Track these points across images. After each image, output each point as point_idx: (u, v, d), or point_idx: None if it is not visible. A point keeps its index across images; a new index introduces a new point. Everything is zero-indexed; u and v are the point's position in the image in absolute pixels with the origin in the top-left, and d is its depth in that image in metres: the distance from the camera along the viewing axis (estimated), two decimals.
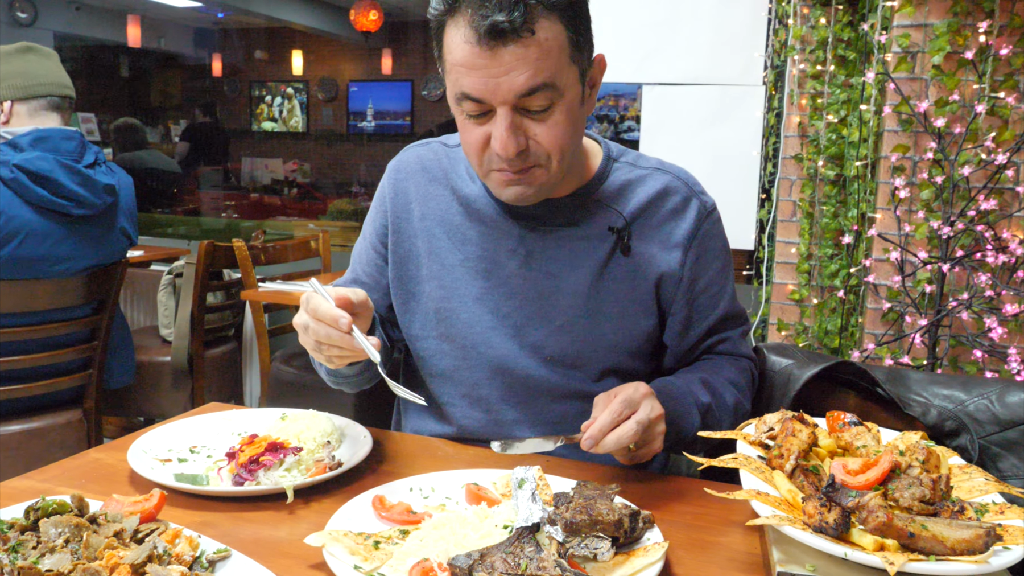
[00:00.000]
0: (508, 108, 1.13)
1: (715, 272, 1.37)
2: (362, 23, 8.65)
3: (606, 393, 1.16)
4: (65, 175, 2.33)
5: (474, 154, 1.21)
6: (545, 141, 1.16)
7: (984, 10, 2.51)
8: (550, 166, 1.20)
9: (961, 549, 0.80)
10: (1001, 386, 1.38)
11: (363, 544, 0.95)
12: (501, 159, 1.17)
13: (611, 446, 1.09)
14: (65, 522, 0.86)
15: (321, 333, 1.10)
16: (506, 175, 1.20)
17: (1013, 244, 2.40)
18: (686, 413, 1.24)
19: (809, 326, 3.07)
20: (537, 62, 1.10)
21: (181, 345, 3.25)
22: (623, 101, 9.68)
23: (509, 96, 1.11)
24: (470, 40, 1.09)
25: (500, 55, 1.09)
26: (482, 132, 1.17)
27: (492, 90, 1.11)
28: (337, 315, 1.08)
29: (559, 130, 1.16)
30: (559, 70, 1.13)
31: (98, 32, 10.78)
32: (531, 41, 1.09)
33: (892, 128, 2.63)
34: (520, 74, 1.09)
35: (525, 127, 1.15)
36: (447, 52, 1.15)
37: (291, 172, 11.80)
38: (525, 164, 1.18)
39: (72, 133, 2.46)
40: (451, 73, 1.15)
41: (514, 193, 1.22)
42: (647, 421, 1.12)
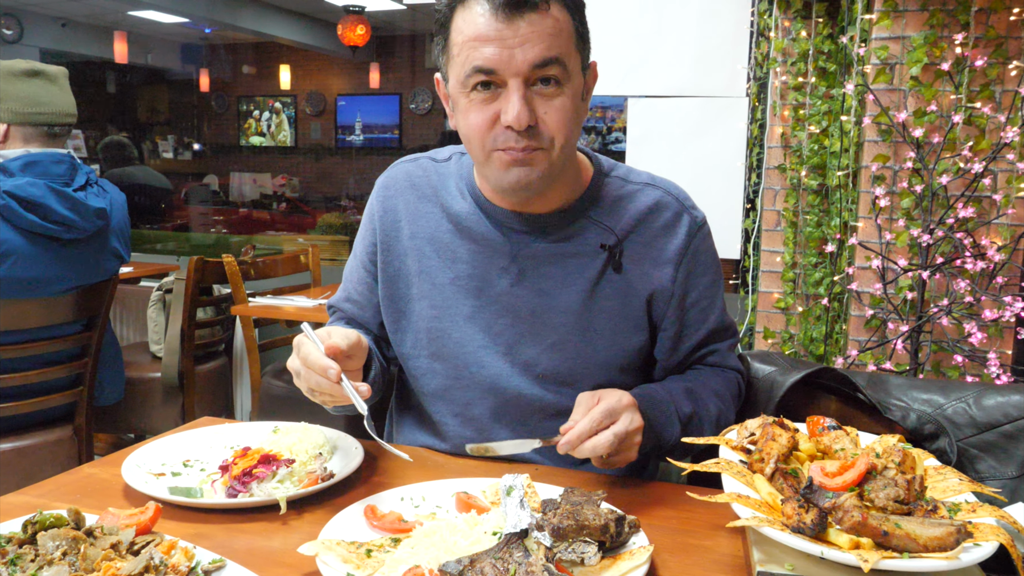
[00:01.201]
0: (521, 80, 1.15)
1: (705, 286, 1.38)
2: (350, 38, 8.70)
3: (589, 394, 1.18)
4: (56, 200, 2.33)
5: (479, 136, 1.21)
6: (551, 122, 1.19)
7: (960, 22, 2.56)
8: (552, 150, 1.21)
9: (933, 546, 0.83)
10: (978, 390, 1.42)
11: (356, 552, 0.97)
12: (509, 136, 1.18)
13: (586, 453, 1.13)
14: (62, 535, 0.88)
15: (312, 381, 1.14)
16: (511, 154, 1.20)
17: (991, 251, 2.45)
18: (667, 423, 1.26)
19: (795, 334, 3.11)
20: (551, 36, 1.15)
21: (171, 361, 3.25)
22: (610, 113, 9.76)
23: (524, 66, 1.14)
24: (485, 12, 1.14)
25: (517, 25, 1.13)
26: (490, 111, 1.18)
27: (507, 60, 1.14)
28: (326, 365, 1.10)
29: (564, 114, 1.19)
30: (568, 51, 1.18)
31: (84, 48, 10.80)
32: (546, 15, 1.14)
33: (872, 138, 2.68)
34: (535, 45, 1.14)
35: (534, 105, 1.18)
36: (457, 34, 1.18)
37: (279, 186, 11.82)
38: (531, 143, 1.19)
39: (62, 156, 2.46)
40: (462, 52, 1.17)
41: (516, 175, 1.22)
42: (624, 434, 1.14)
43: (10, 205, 2.26)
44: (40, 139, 2.46)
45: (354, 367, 1.18)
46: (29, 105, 2.42)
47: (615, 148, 9.50)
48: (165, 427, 3.17)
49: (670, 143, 3.35)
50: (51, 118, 2.46)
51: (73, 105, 2.56)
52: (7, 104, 2.41)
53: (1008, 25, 2.52)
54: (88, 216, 2.43)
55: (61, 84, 2.53)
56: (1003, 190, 2.55)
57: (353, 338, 1.18)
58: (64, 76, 2.56)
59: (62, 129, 2.52)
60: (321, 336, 1.16)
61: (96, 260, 2.57)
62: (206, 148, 12.91)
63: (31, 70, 2.45)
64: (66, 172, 2.45)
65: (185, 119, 12.93)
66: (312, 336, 1.15)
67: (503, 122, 1.17)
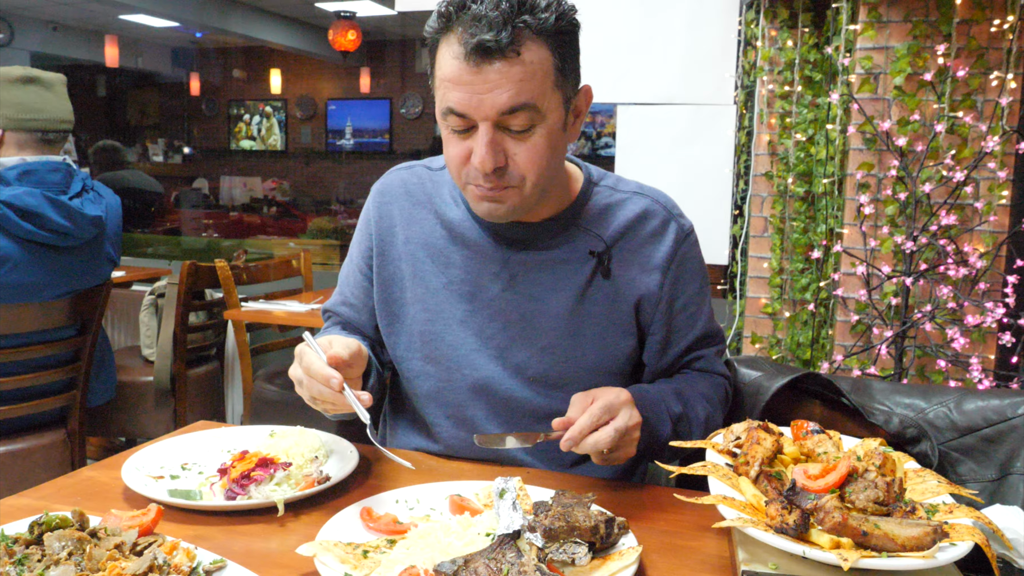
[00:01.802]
0: (489, 124, 1.17)
1: (692, 292, 1.41)
2: (340, 43, 8.71)
3: (584, 393, 1.20)
4: (52, 210, 2.35)
5: (455, 168, 1.25)
6: (522, 162, 1.21)
7: (942, 33, 2.61)
8: (524, 187, 1.23)
9: (911, 546, 0.86)
10: (959, 394, 1.45)
11: (353, 553, 0.99)
12: (478, 175, 1.21)
13: (588, 449, 1.15)
14: (68, 536, 0.90)
15: (314, 390, 1.16)
16: (481, 190, 1.24)
17: (973, 258, 2.50)
18: (659, 422, 1.29)
19: (782, 339, 3.15)
20: (520, 82, 1.15)
21: (163, 365, 3.27)
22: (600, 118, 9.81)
23: (491, 112, 1.16)
24: (458, 56, 1.15)
25: (485, 72, 1.14)
26: (464, 147, 1.22)
27: (476, 105, 1.16)
28: (328, 375, 1.13)
29: (537, 152, 1.21)
30: (542, 93, 1.18)
31: (75, 52, 10.77)
32: (516, 61, 1.14)
33: (857, 147, 2.73)
34: (503, 92, 1.15)
35: (505, 146, 1.20)
36: (438, 68, 1.20)
37: (270, 191, 11.81)
38: (500, 183, 1.22)
39: (58, 164, 2.47)
40: (440, 88, 1.21)
41: (486, 209, 1.26)
42: (624, 429, 1.16)
43: (7, 215, 2.27)
44: (35, 145, 2.47)
45: (355, 375, 1.21)
46: (24, 112, 2.43)
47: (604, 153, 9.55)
48: (157, 431, 3.19)
49: (659, 149, 3.39)
50: (46, 124, 2.47)
51: (70, 112, 2.57)
52: (2, 110, 2.42)
53: (989, 36, 2.57)
54: (84, 225, 2.45)
55: (57, 91, 2.54)
56: (985, 198, 2.60)
57: (354, 347, 1.21)
58: (61, 83, 2.57)
59: (57, 136, 2.53)
60: (322, 345, 1.19)
61: (90, 266, 2.59)
62: (196, 152, 12.89)
63: (27, 77, 2.46)
64: (62, 180, 2.47)
65: (175, 123, 12.90)
66: (314, 345, 1.18)
67: (472, 163, 1.21)
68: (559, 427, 1.16)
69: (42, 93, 2.48)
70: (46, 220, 2.34)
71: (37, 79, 2.48)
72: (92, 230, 2.50)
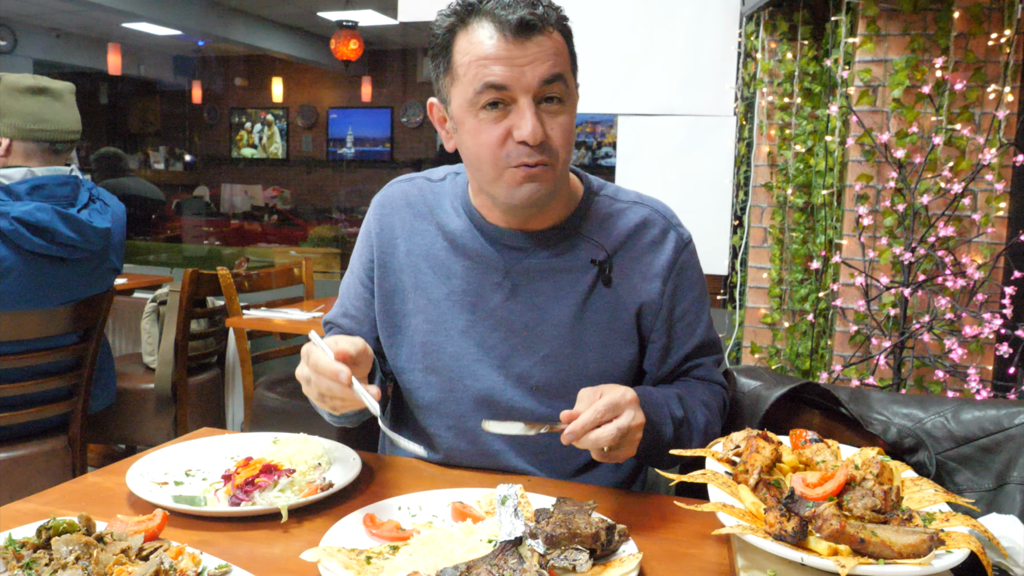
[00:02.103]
0: (531, 97, 1.23)
1: (692, 301, 1.43)
2: (343, 52, 8.74)
3: (592, 389, 1.21)
4: (63, 225, 2.37)
5: (491, 152, 1.26)
6: (557, 138, 1.26)
7: (940, 47, 2.63)
8: (557, 164, 1.28)
9: (907, 553, 0.88)
10: (956, 404, 1.47)
11: (356, 559, 1.00)
12: (522, 151, 1.24)
13: (588, 444, 1.15)
14: (75, 540, 0.92)
15: (323, 386, 1.18)
16: (524, 170, 1.25)
17: (971, 269, 2.51)
18: (662, 423, 1.30)
19: (781, 349, 3.17)
20: (555, 55, 1.24)
21: (165, 372, 3.28)
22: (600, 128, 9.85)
23: (534, 82, 1.22)
24: (494, 35, 1.22)
25: (526, 46, 1.21)
26: (501, 128, 1.24)
27: (518, 77, 1.22)
28: (337, 369, 1.14)
29: (567, 131, 1.28)
30: (568, 70, 1.28)
31: (77, 59, 10.81)
32: (551, 36, 1.24)
33: (856, 158, 2.74)
34: (543, 63, 1.22)
35: (543, 121, 1.25)
36: (462, 55, 1.24)
37: (271, 199, 11.83)
38: (542, 158, 1.25)
39: (67, 178, 2.48)
40: (470, 71, 1.23)
41: (528, 191, 1.27)
42: (627, 428, 1.16)
43: (20, 231, 2.29)
44: (41, 155, 2.48)
45: (361, 374, 1.22)
46: (32, 122, 2.44)
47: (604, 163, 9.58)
48: (158, 438, 3.19)
49: (659, 160, 3.41)
50: (54, 135, 2.48)
51: (78, 122, 2.58)
52: (10, 120, 2.43)
53: (986, 50, 2.59)
54: (93, 238, 2.48)
55: (66, 101, 2.55)
56: (982, 210, 2.62)
57: (360, 345, 1.22)
58: (70, 92, 2.57)
59: (65, 146, 2.54)
60: (328, 343, 1.20)
61: (94, 277, 2.61)
62: (197, 160, 12.92)
63: (36, 87, 2.46)
64: (71, 193, 2.48)
65: (177, 130, 12.93)
66: (320, 343, 1.20)
67: (516, 137, 1.23)
68: (566, 420, 1.16)
69: (51, 103, 2.49)
70: (57, 235, 2.36)
71: (47, 89, 2.49)
72: (100, 243, 2.52)
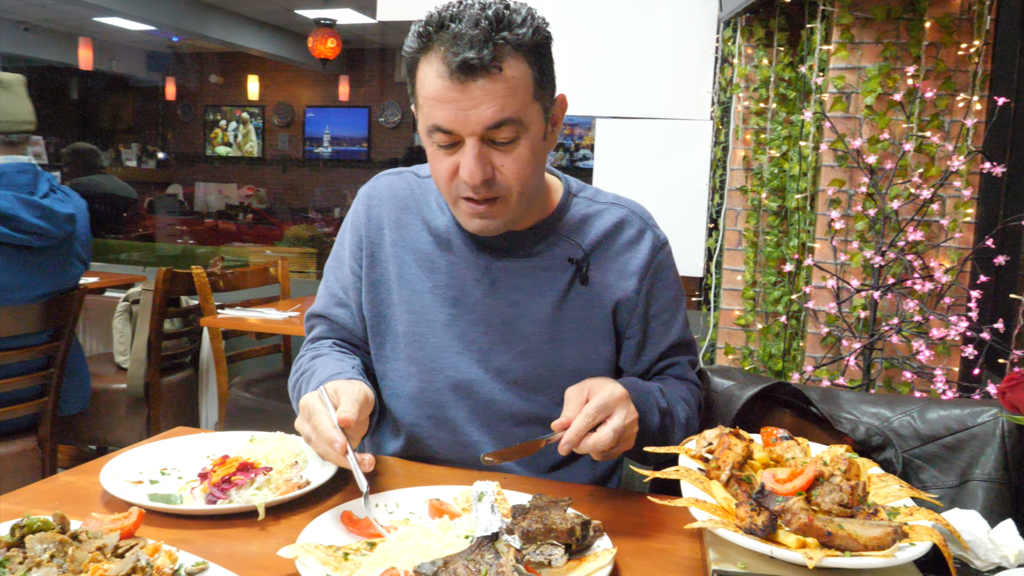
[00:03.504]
0: (476, 139, 1.21)
1: (667, 300, 1.46)
2: (320, 50, 8.71)
3: (578, 388, 1.22)
4: (25, 210, 2.35)
5: (443, 183, 1.29)
6: (509, 173, 1.25)
7: (912, 55, 2.69)
8: (510, 198, 1.27)
9: (872, 545, 0.90)
10: (923, 404, 1.50)
11: (334, 556, 1.01)
12: (468, 187, 1.25)
13: (587, 450, 1.16)
14: (50, 538, 0.91)
15: (319, 449, 1.19)
16: (472, 206, 1.27)
17: (939, 273, 2.56)
18: (649, 412, 1.32)
19: (755, 350, 3.21)
20: (504, 98, 1.19)
21: (137, 372, 3.25)
22: (578, 130, 9.89)
23: (477, 127, 1.20)
24: (442, 75, 1.18)
25: (470, 89, 1.17)
26: (451, 162, 1.25)
27: (462, 121, 1.19)
28: (333, 438, 1.14)
29: (522, 163, 1.25)
30: (524, 106, 1.22)
31: (47, 54, 10.66)
32: (499, 77, 1.18)
33: (829, 163, 2.79)
34: (488, 107, 1.18)
35: (492, 158, 1.24)
36: (420, 87, 1.23)
37: (246, 198, 11.74)
38: (490, 193, 1.25)
39: (26, 166, 2.48)
40: (423, 107, 1.24)
41: (479, 225, 1.30)
42: (622, 428, 1.17)
43: None
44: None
45: (361, 432, 1.23)
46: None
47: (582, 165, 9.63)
48: (130, 438, 3.16)
49: (637, 163, 3.44)
50: (7, 127, 2.48)
51: (30, 112, 2.57)
52: None
53: (956, 59, 2.65)
54: (58, 223, 2.45)
55: (16, 92, 2.54)
56: (950, 215, 2.67)
57: (361, 398, 1.22)
58: (20, 83, 2.57)
59: (19, 136, 2.53)
60: (330, 395, 1.21)
61: (62, 266, 2.59)
62: (171, 157, 12.79)
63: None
64: (30, 181, 2.47)
65: (150, 127, 12.80)
66: (327, 402, 1.19)
67: (460, 177, 1.24)
68: (558, 429, 1.17)
69: (1, 95, 2.48)
70: (20, 222, 2.34)
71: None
72: (66, 227, 2.50)
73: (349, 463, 1.14)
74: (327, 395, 1.21)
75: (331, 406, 1.19)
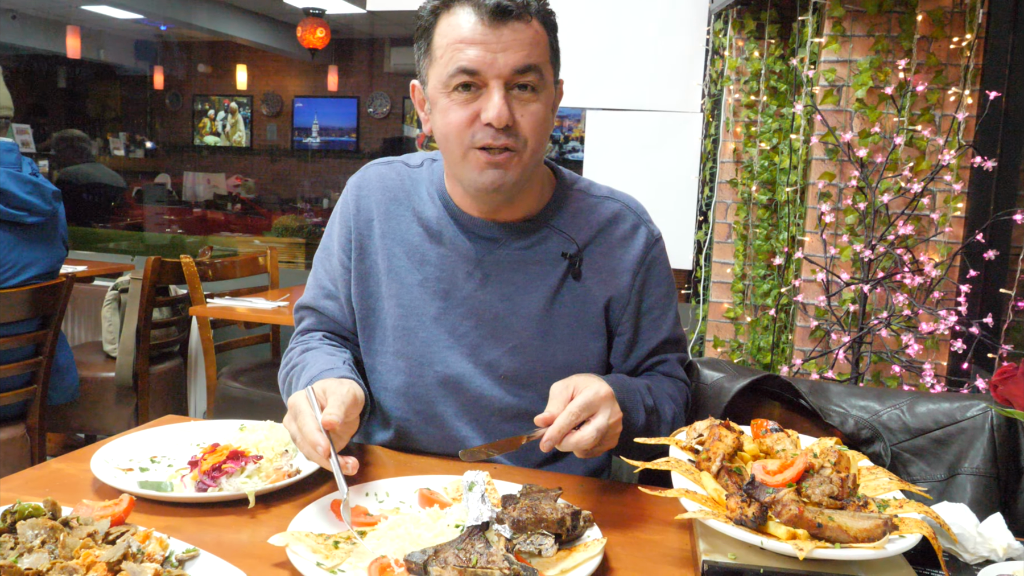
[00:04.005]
0: (501, 83, 1.24)
1: (660, 296, 1.45)
2: (309, 40, 8.65)
3: (563, 385, 1.21)
4: (16, 186, 2.35)
5: (457, 133, 1.27)
6: (527, 124, 1.27)
7: (903, 49, 2.69)
8: (524, 152, 1.28)
9: (862, 537, 0.91)
10: (911, 398, 1.51)
11: (324, 544, 1.01)
12: (487, 133, 1.25)
13: (570, 448, 1.16)
14: (41, 524, 0.91)
15: (303, 450, 1.18)
16: (486, 155, 1.27)
17: (928, 267, 2.58)
18: (634, 410, 1.32)
19: (743, 343, 3.22)
20: (531, 45, 1.25)
21: (126, 361, 3.24)
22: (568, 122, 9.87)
23: (505, 70, 1.23)
24: (472, 19, 1.23)
25: (501, 32, 1.22)
26: (470, 110, 1.25)
27: (489, 63, 1.23)
28: (316, 441, 1.13)
29: (538, 119, 1.28)
30: (545, 62, 1.28)
31: (34, 41, 10.54)
32: (528, 25, 1.25)
33: (819, 157, 2.80)
34: (517, 51, 1.23)
35: (513, 107, 1.25)
36: (441, 37, 1.26)
37: (234, 187, 11.67)
38: (508, 142, 1.26)
39: (11, 145, 2.49)
40: (446, 54, 1.25)
41: (491, 178, 1.28)
42: (605, 427, 1.17)
43: None
44: None
45: (350, 432, 1.22)
46: None
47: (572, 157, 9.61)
48: (118, 427, 3.15)
49: (627, 155, 3.44)
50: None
51: (7, 98, 2.59)
52: None
53: (948, 53, 2.66)
54: (48, 198, 2.47)
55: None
56: (940, 209, 2.68)
57: (349, 400, 1.20)
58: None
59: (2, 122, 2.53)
60: (318, 396, 1.20)
61: (52, 244, 2.60)
62: (159, 146, 12.69)
63: None
64: (16, 161, 2.47)
65: (138, 116, 12.69)
66: (314, 403, 1.18)
67: (483, 119, 1.25)
68: (541, 424, 1.16)
69: None
70: (12, 197, 2.35)
71: None
72: (55, 204, 2.52)
73: (332, 466, 1.13)
74: (314, 395, 1.20)
75: (317, 407, 1.18)
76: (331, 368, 1.34)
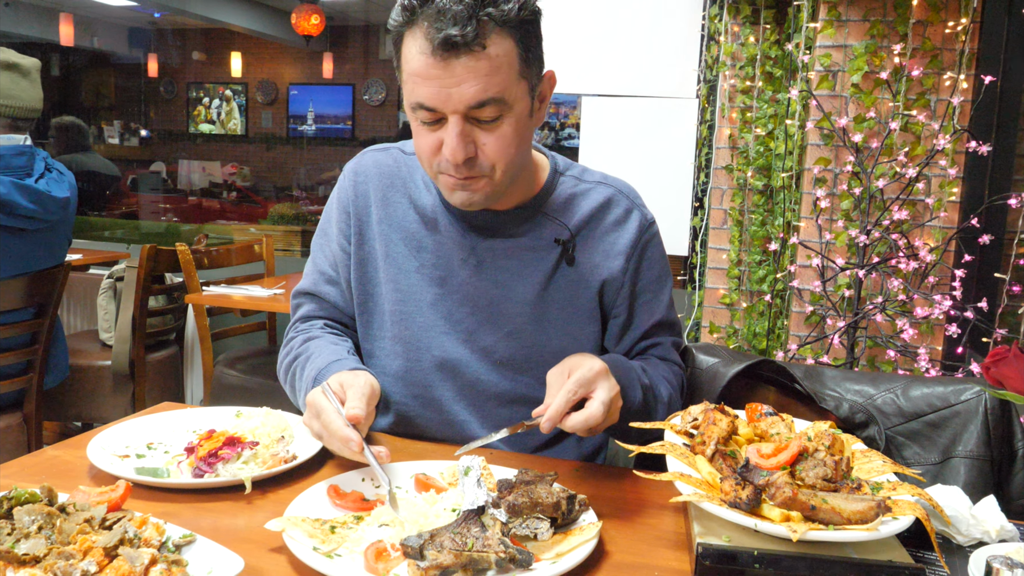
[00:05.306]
0: (459, 117, 1.19)
1: (653, 279, 1.46)
2: (304, 27, 8.61)
3: (558, 370, 1.20)
4: (21, 196, 2.34)
5: (426, 158, 1.27)
6: (491, 152, 1.23)
7: (899, 34, 2.69)
8: (494, 176, 1.26)
9: (856, 519, 0.91)
10: (905, 382, 1.51)
11: (320, 529, 1.01)
12: (449, 165, 1.23)
13: (578, 426, 1.15)
14: (38, 510, 0.91)
15: (333, 447, 1.17)
16: (453, 180, 1.26)
17: (923, 252, 2.58)
18: (631, 387, 1.31)
19: (739, 328, 3.23)
20: (487, 76, 1.16)
21: (122, 349, 3.23)
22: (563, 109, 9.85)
23: (460, 106, 1.17)
24: (425, 51, 1.15)
25: (452, 67, 1.15)
26: (435, 138, 1.23)
27: (444, 99, 1.17)
28: (348, 436, 1.13)
29: (505, 141, 1.23)
30: (508, 84, 1.19)
31: (27, 29, 10.48)
32: (482, 55, 1.15)
33: (814, 142, 2.80)
34: (471, 86, 1.16)
35: (474, 136, 1.21)
36: (404, 62, 1.21)
37: (229, 175, 11.64)
38: (471, 172, 1.24)
39: (23, 148, 2.47)
40: (407, 82, 1.21)
41: (459, 198, 1.28)
42: (610, 401, 1.17)
43: None
44: (2, 129, 2.46)
45: (369, 423, 1.22)
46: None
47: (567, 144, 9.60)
48: (114, 415, 3.15)
49: (622, 141, 3.44)
50: (18, 112, 2.47)
51: (41, 99, 2.59)
52: None
53: (943, 38, 2.65)
54: (52, 208, 2.45)
55: (33, 78, 2.54)
56: (935, 194, 2.69)
57: (368, 391, 1.21)
58: (37, 69, 2.57)
59: (27, 123, 2.53)
60: (336, 390, 1.20)
61: (54, 245, 2.59)
62: (153, 134, 12.64)
63: (7, 62, 2.45)
64: (27, 163, 2.46)
65: (132, 104, 12.64)
66: (332, 399, 1.18)
67: (443, 154, 1.22)
68: (539, 415, 1.16)
69: (19, 80, 2.48)
70: (16, 207, 2.33)
71: (16, 65, 2.48)
72: (60, 212, 2.49)
73: (368, 459, 1.13)
74: (331, 391, 1.20)
75: (337, 402, 1.18)
76: (339, 359, 1.34)
